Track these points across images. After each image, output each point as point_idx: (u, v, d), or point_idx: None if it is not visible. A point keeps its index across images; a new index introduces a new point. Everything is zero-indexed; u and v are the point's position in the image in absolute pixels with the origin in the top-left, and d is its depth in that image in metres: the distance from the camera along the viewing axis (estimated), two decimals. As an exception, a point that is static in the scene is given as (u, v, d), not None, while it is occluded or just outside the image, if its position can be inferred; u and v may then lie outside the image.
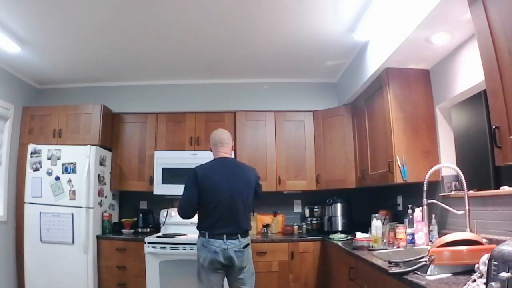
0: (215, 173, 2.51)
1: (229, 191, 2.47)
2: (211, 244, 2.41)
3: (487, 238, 1.91)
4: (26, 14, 2.66)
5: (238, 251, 2.44)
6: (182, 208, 2.54)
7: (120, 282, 3.38)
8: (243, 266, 2.48)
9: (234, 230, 2.46)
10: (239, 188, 2.50)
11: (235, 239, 2.44)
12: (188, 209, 2.52)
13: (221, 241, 2.41)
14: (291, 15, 2.70)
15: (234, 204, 2.47)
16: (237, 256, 2.43)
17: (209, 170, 2.53)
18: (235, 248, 2.43)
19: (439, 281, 1.46)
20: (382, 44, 2.70)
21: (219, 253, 2.40)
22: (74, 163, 3.49)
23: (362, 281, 2.30)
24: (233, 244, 2.42)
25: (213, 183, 2.47)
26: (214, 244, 2.41)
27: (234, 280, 2.52)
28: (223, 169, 2.55)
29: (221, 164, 2.59)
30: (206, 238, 2.44)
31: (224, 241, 2.41)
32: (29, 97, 4.00)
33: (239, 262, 2.44)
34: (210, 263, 2.41)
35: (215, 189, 2.46)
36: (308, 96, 4.02)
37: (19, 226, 3.57)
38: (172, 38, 3.08)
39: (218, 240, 2.41)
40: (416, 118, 2.70)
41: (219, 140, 2.65)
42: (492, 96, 1.51)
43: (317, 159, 3.83)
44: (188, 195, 2.49)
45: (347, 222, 3.54)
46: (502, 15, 1.44)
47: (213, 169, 2.54)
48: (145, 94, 4.07)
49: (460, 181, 2.19)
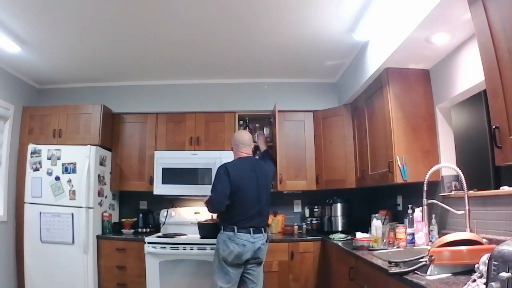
0: (243, 171, 2.70)
1: (256, 188, 2.67)
2: (238, 238, 2.56)
3: (487, 238, 1.91)
4: (26, 14, 2.66)
5: (263, 244, 2.64)
6: (215, 201, 2.64)
7: (120, 282, 3.38)
8: (263, 260, 2.70)
9: (259, 224, 2.65)
10: (263, 185, 2.73)
11: (260, 233, 2.64)
12: (221, 202, 2.61)
13: (249, 235, 2.57)
14: (291, 15, 2.70)
15: (260, 200, 2.67)
16: (260, 250, 2.62)
17: (237, 167, 2.71)
18: (260, 242, 2.62)
19: (439, 281, 1.46)
20: (382, 44, 2.70)
21: (246, 246, 2.54)
22: (74, 163, 3.49)
23: (362, 281, 2.30)
24: (259, 238, 2.62)
25: (241, 180, 2.64)
26: (242, 238, 2.56)
27: (250, 274, 2.65)
28: (250, 167, 2.74)
29: (246, 163, 2.78)
30: (234, 233, 2.57)
31: (251, 234, 2.57)
32: (29, 97, 4.00)
33: (262, 256, 2.66)
34: (236, 257, 2.54)
35: (243, 186, 2.64)
36: (308, 96, 4.02)
37: (19, 226, 3.57)
38: (172, 38, 3.08)
39: (246, 234, 2.57)
40: (416, 118, 2.70)
41: (241, 141, 2.84)
42: (492, 96, 1.51)
43: (317, 159, 3.83)
44: (222, 188, 2.61)
45: (347, 222, 3.54)
46: (502, 15, 1.44)
47: (240, 167, 2.72)
48: (145, 94, 4.07)
49: (460, 181, 2.19)
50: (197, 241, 3.27)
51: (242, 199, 2.62)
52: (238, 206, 2.62)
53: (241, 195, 2.62)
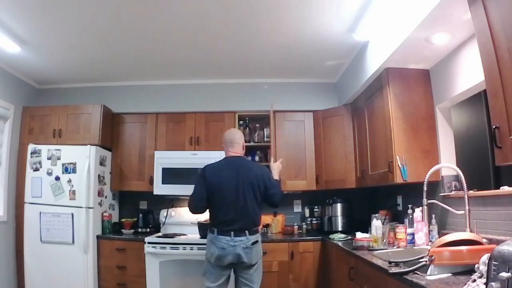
0: (223, 171, 2.59)
1: (236, 189, 2.54)
2: (219, 241, 2.48)
3: (487, 238, 1.91)
4: (26, 14, 2.66)
5: (246, 247, 2.49)
6: (191, 203, 2.64)
7: (120, 282, 3.38)
8: (252, 263, 2.52)
9: (242, 227, 2.51)
10: (246, 186, 2.56)
11: (243, 236, 2.49)
12: (196, 204, 2.60)
13: (229, 238, 2.47)
14: (291, 15, 2.70)
15: (241, 201, 2.53)
16: (245, 253, 2.48)
17: (217, 168, 2.62)
18: (243, 245, 2.48)
19: (439, 281, 1.46)
20: (382, 44, 2.70)
21: (226, 249, 2.45)
22: (74, 163, 3.48)
23: (362, 281, 2.30)
24: (241, 241, 2.48)
25: (221, 181, 2.55)
26: (222, 241, 2.47)
27: (243, 277, 2.56)
28: (231, 168, 2.61)
29: (229, 163, 2.66)
30: (215, 235, 2.51)
31: (232, 237, 2.47)
32: (29, 97, 4.00)
33: (247, 259, 2.49)
34: (216, 259, 2.48)
35: (222, 187, 2.55)
36: (308, 96, 4.02)
37: (19, 226, 3.57)
38: (172, 38, 3.08)
39: (226, 237, 2.47)
40: (416, 118, 2.70)
41: (229, 140, 2.73)
42: (492, 96, 1.51)
43: (317, 159, 3.83)
44: (197, 191, 2.59)
45: (347, 222, 3.53)
46: (502, 15, 1.44)
47: (220, 168, 2.63)
48: (145, 94, 4.07)
49: (460, 181, 2.19)
50: (197, 241, 3.26)
51: (220, 201, 2.53)
52: (217, 208, 2.56)
53: (219, 197, 2.53)
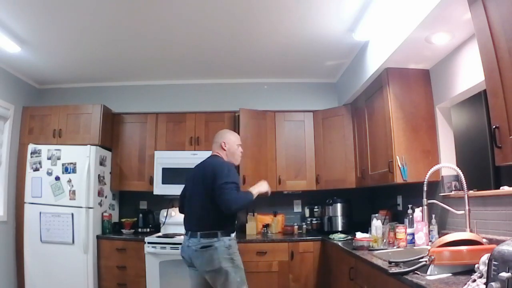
0: (194, 172, 2.56)
1: (191, 189, 2.52)
2: (182, 241, 2.48)
3: (487, 238, 1.91)
4: (26, 14, 2.66)
5: (196, 251, 2.33)
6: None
7: (120, 282, 3.38)
8: (205, 270, 2.31)
9: (194, 228, 2.40)
10: (197, 186, 2.45)
11: (194, 238, 2.35)
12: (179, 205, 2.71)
13: (186, 238, 2.43)
14: (291, 15, 2.70)
15: (193, 202, 2.47)
16: (194, 257, 2.34)
17: (193, 169, 2.59)
18: (194, 247, 2.34)
19: (439, 281, 1.46)
20: (382, 44, 2.70)
21: (184, 249, 2.42)
22: (74, 163, 3.49)
23: (362, 281, 2.30)
24: (192, 243, 2.36)
25: (188, 182, 2.60)
26: (183, 241, 2.46)
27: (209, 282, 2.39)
28: (200, 166, 2.56)
29: (202, 163, 2.58)
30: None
31: (188, 238, 2.41)
32: (29, 97, 4.00)
33: (198, 264, 2.34)
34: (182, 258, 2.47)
35: (188, 186, 2.59)
36: (308, 96, 4.02)
37: (19, 226, 3.57)
38: (172, 38, 3.08)
39: (185, 237, 2.45)
40: (416, 118, 2.70)
41: (213, 140, 2.67)
42: (492, 96, 1.51)
43: (317, 159, 3.83)
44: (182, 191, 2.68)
45: (347, 222, 3.53)
46: (502, 15, 1.44)
47: (195, 168, 2.59)
48: (145, 94, 4.07)
49: (460, 181, 2.19)
50: (197, 241, 3.26)
51: (186, 201, 2.55)
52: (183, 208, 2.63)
53: (187, 197, 2.55)
